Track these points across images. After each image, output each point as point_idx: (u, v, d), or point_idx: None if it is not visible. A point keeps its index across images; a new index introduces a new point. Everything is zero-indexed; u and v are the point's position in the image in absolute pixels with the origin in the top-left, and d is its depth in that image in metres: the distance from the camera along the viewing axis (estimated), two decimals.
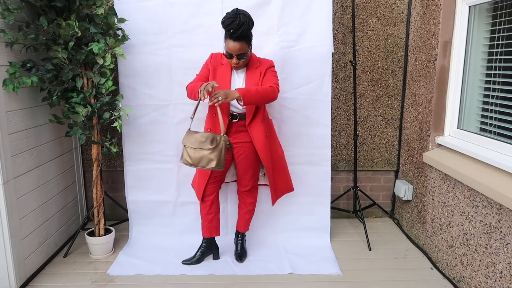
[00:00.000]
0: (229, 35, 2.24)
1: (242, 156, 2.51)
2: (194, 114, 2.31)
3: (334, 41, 3.10)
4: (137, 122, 2.84)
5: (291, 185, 2.77)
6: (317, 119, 2.83)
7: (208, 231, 2.63)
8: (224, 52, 2.33)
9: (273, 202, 2.68)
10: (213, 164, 2.22)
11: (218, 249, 2.73)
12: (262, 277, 2.51)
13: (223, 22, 2.22)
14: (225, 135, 2.25)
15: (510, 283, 1.93)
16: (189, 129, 2.35)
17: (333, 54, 3.10)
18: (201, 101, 2.24)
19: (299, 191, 2.91)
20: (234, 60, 2.30)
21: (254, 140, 2.45)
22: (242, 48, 2.26)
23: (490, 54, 2.36)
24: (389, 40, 3.15)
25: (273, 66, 2.49)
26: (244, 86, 2.40)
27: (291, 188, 2.77)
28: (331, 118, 3.19)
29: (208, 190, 2.54)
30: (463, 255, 2.34)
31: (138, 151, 2.88)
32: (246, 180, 2.60)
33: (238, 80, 2.44)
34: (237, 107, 2.41)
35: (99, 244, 2.73)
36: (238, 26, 2.18)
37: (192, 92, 2.33)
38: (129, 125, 2.85)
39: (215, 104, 2.17)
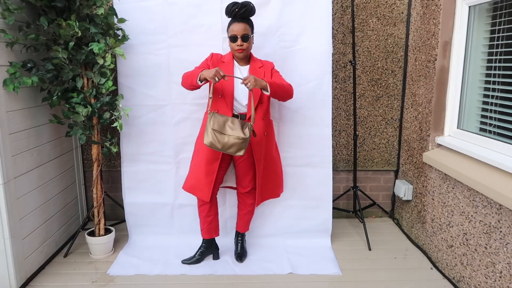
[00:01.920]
0: (233, 17, 2.32)
1: (243, 158, 2.51)
2: (211, 93, 2.30)
3: (333, 41, 3.10)
4: (136, 122, 2.83)
5: (278, 191, 2.73)
6: (317, 119, 2.82)
7: (208, 232, 2.63)
8: (228, 35, 2.34)
9: (257, 203, 2.63)
10: (241, 153, 2.25)
11: (218, 249, 2.73)
12: (262, 277, 2.51)
13: (226, 8, 2.33)
14: (250, 123, 2.28)
15: (509, 283, 1.93)
16: (210, 111, 2.30)
17: (332, 55, 3.10)
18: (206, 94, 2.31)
19: (300, 194, 2.90)
20: (239, 42, 2.31)
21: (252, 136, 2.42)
22: (246, 29, 2.31)
23: (490, 54, 2.36)
24: (389, 40, 3.15)
25: (274, 66, 2.53)
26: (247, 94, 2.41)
27: (277, 195, 2.74)
28: (331, 118, 3.18)
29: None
30: (463, 255, 2.34)
31: (136, 152, 2.86)
32: (247, 181, 2.59)
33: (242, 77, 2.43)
34: (240, 104, 2.41)
35: (99, 244, 2.73)
36: (242, 6, 2.28)
37: (189, 78, 2.31)
38: (128, 125, 2.84)
39: (249, 89, 2.22)
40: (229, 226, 2.93)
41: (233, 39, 2.32)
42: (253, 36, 2.41)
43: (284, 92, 2.36)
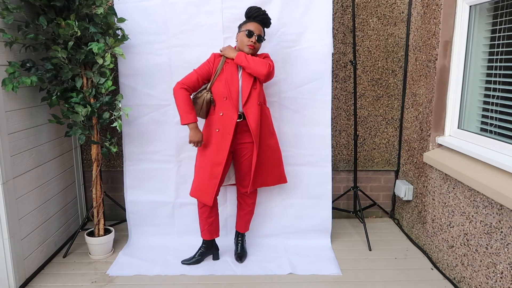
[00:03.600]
0: (253, 18, 2.42)
1: (245, 157, 2.51)
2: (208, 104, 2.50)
3: (334, 41, 3.10)
4: (138, 122, 2.84)
5: (273, 181, 2.63)
6: (317, 119, 2.82)
7: (209, 233, 2.62)
8: (242, 30, 2.39)
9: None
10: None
11: (218, 249, 2.72)
12: (262, 277, 2.50)
13: (249, 8, 2.43)
14: (210, 92, 2.44)
15: (510, 284, 1.93)
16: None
17: (333, 54, 3.10)
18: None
19: (300, 192, 2.90)
20: (253, 39, 2.37)
21: (249, 120, 2.39)
22: (261, 31, 2.42)
23: (490, 54, 2.35)
24: (390, 40, 3.14)
25: (269, 57, 2.52)
26: (241, 78, 2.43)
27: (271, 183, 2.63)
28: (331, 118, 3.18)
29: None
30: (464, 255, 2.34)
31: (138, 151, 2.87)
32: (248, 181, 2.58)
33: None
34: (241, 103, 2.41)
35: (98, 244, 2.72)
36: (264, 12, 2.43)
37: (177, 105, 2.40)
38: (129, 125, 2.85)
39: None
40: (229, 225, 2.93)
41: (249, 34, 2.36)
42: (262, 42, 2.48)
43: (253, 63, 2.35)
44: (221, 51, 2.46)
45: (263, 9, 2.43)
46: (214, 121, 2.44)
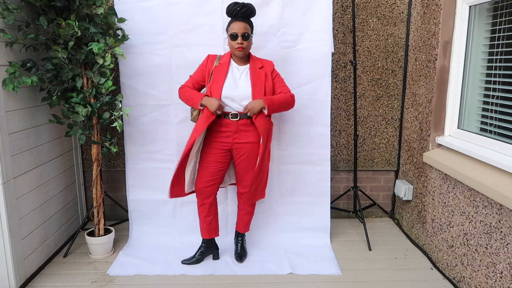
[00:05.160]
0: (234, 16, 2.34)
1: (243, 157, 2.50)
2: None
3: (334, 41, 3.10)
4: (139, 121, 2.85)
5: (262, 195, 2.65)
6: (317, 119, 2.83)
7: (208, 232, 2.62)
8: (228, 34, 2.34)
9: (250, 201, 2.61)
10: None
11: (218, 249, 2.72)
12: (262, 277, 2.50)
13: (227, 7, 2.35)
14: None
15: (510, 283, 1.93)
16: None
17: (333, 54, 3.10)
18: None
19: (299, 191, 2.92)
20: (239, 40, 2.31)
21: (260, 130, 2.38)
22: (246, 28, 2.33)
23: (490, 54, 2.36)
24: (389, 40, 3.15)
25: (273, 66, 2.52)
26: (250, 87, 2.39)
27: (261, 197, 2.66)
28: (331, 118, 3.19)
29: (208, 192, 2.52)
30: (463, 255, 2.34)
31: (139, 151, 2.89)
32: (247, 181, 2.58)
33: (246, 82, 2.41)
34: (233, 101, 2.40)
35: (99, 244, 2.72)
36: (243, 5, 2.31)
37: (189, 100, 2.45)
38: (131, 125, 2.86)
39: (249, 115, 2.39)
40: (230, 224, 2.93)
41: (233, 37, 2.32)
42: (252, 36, 2.41)
43: (283, 108, 2.47)
44: (248, 111, 2.34)
45: (240, 2, 2.31)
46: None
